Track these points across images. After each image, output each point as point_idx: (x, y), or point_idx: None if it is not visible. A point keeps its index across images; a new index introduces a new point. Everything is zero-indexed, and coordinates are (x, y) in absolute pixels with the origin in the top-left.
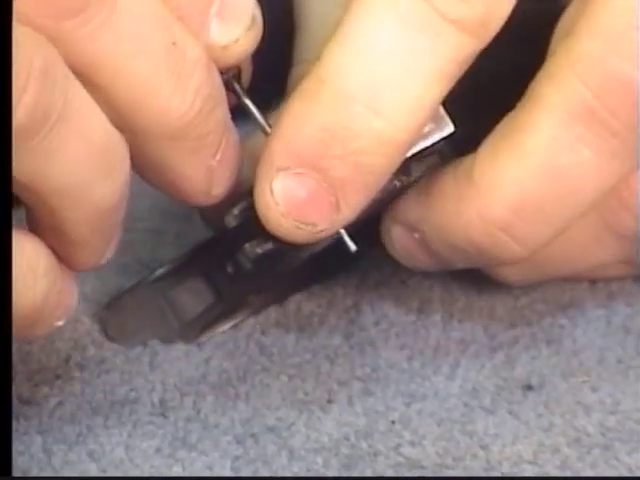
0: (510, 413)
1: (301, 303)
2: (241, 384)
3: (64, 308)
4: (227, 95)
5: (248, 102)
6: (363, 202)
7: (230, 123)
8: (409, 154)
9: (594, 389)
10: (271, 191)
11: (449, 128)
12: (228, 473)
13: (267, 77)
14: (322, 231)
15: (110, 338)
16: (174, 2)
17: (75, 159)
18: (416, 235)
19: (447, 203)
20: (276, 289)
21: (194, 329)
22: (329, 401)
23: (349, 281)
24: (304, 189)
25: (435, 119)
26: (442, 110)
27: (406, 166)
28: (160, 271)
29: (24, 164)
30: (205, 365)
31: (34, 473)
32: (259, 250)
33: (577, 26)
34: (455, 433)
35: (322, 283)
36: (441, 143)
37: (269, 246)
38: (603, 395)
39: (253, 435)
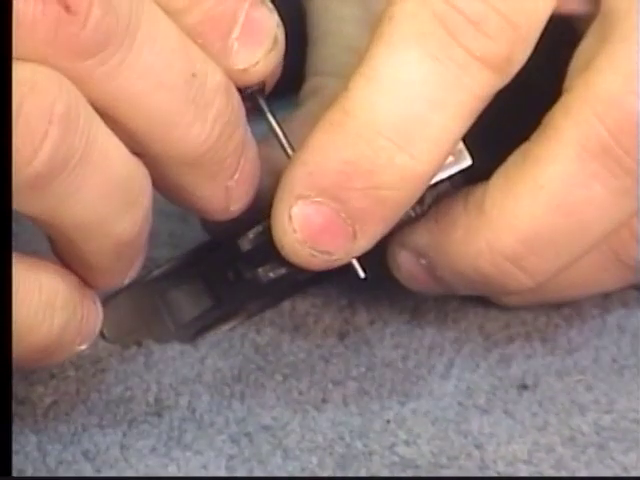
0: (505, 412)
1: (296, 303)
2: (236, 383)
3: (86, 334)
4: (245, 104)
5: (271, 118)
6: (380, 233)
7: (249, 139)
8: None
9: (589, 388)
10: (289, 218)
11: (467, 162)
12: (223, 472)
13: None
14: (337, 260)
15: (105, 337)
16: (196, 29)
17: (95, 196)
18: (422, 261)
19: (456, 232)
20: (274, 295)
21: (189, 331)
22: (324, 400)
23: (344, 281)
24: (322, 218)
25: (454, 152)
26: (461, 144)
27: (421, 196)
28: (158, 271)
29: (42, 203)
30: (200, 364)
31: (29, 472)
32: (272, 275)
33: (596, 62)
34: (450, 432)
35: (319, 285)
36: (457, 175)
37: (282, 271)
38: (598, 394)
39: (248, 434)
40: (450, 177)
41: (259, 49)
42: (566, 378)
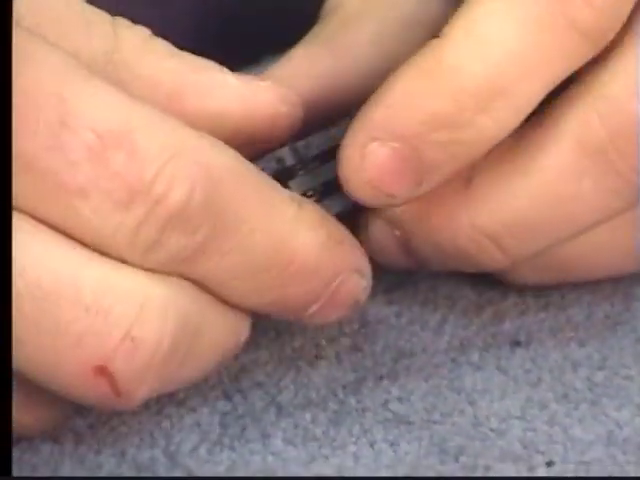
0: (498, 369)
1: None
2: None
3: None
4: None
5: None
6: (441, 183)
7: None
8: None
9: (582, 344)
10: (362, 156)
11: None
12: (217, 429)
13: None
14: (396, 202)
15: None
16: None
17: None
18: (397, 232)
19: (438, 205)
20: None
21: None
22: (317, 357)
23: None
24: (394, 162)
25: None
26: None
27: None
28: None
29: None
30: None
31: None
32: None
33: (609, 61)
34: (443, 389)
35: None
36: None
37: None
38: (591, 351)
39: (241, 391)
40: None
41: None
42: (559, 334)
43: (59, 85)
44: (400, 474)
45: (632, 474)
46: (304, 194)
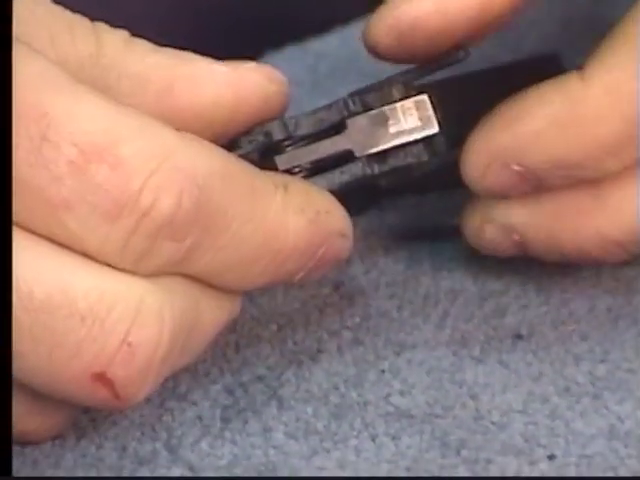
0: (500, 362)
1: None
2: (230, 333)
3: None
4: None
5: None
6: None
7: None
8: (390, 145)
9: (583, 338)
10: (484, 172)
11: (433, 129)
12: (218, 423)
13: None
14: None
15: None
16: None
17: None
18: (515, 237)
19: (563, 216)
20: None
21: None
22: (319, 350)
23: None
24: (515, 181)
25: (423, 118)
26: (430, 110)
27: (383, 157)
28: None
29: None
30: None
31: None
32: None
33: None
34: (444, 382)
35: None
36: (421, 142)
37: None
38: (592, 344)
39: (242, 384)
40: (416, 142)
41: None
42: (561, 328)
43: (41, 96)
44: (402, 468)
45: (633, 468)
46: (290, 170)
